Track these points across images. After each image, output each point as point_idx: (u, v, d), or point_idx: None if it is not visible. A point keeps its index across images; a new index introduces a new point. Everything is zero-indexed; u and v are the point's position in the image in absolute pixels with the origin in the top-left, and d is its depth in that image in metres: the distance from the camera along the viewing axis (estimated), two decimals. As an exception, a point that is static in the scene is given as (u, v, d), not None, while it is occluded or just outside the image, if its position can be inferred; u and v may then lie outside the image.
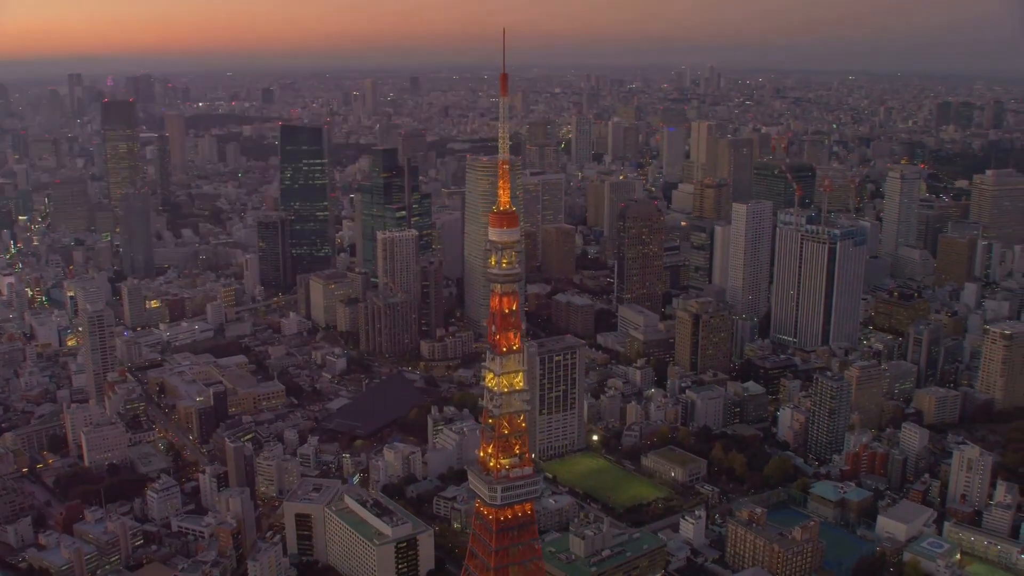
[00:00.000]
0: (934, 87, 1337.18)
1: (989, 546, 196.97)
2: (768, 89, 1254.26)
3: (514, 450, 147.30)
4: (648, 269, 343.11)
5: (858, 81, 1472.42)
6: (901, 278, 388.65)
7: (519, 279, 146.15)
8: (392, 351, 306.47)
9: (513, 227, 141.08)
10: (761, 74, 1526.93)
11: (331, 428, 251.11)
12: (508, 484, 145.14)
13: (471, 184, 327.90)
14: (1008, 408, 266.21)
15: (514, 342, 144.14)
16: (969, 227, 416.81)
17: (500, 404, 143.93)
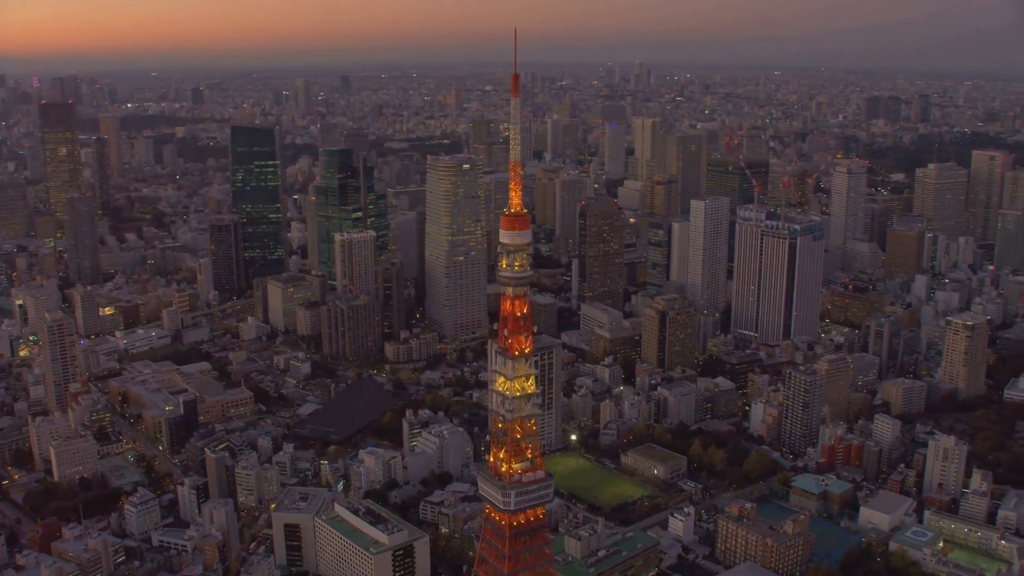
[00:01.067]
0: (858, 82, 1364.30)
1: (969, 533, 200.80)
2: (697, 85, 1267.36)
3: (526, 454, 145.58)
4: (609, 267, 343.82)
5: (784, 76, 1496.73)
6: (851, 271, 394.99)
7: (531, 281, 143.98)
8: (356, 354, 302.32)
9: (525, 229, 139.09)
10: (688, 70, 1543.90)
11: (304, 434, 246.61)
12: (521, 489, 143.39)
13: (432, 184, 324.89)
14: (971, 397, 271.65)
15: (526, 345, 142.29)
16: (913, 220, 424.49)
17: (512, 408, 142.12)
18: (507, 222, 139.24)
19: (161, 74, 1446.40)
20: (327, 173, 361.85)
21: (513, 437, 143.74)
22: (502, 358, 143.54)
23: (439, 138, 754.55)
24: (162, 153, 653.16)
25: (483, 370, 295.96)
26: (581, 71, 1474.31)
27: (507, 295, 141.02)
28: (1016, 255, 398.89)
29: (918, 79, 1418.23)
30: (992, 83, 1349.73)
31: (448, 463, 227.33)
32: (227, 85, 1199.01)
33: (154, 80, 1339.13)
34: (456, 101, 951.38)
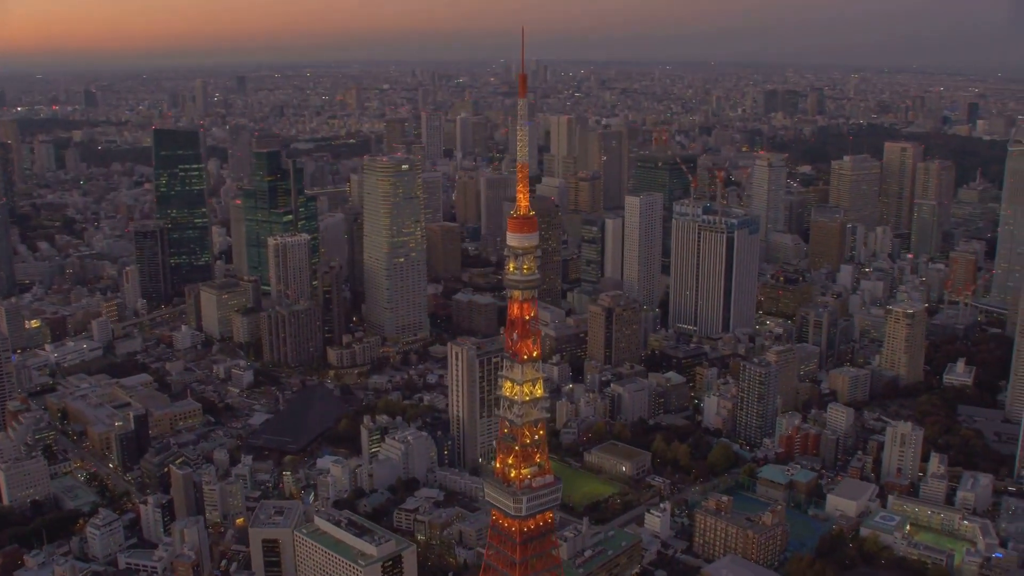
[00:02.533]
0: (750, 76, 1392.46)
1: (932, 515, 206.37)
2: (594, 81, 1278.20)
3: (535, 459, 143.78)
4: (547, 264, 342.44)
5: (676, 71, 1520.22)
6: (776, 263, 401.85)
7: (539, 285, 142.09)
8: (298, 360, 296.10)
9: (532, 232, 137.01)
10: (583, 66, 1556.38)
11: (259, 445, 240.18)
12: (532, 494, 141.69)
13: (370, 186, 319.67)
14: (912, 383, 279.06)
15: (534, 349, 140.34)
16: (831, 211, 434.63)
17: (522, 413, 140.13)
18: (515, 224, 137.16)
19: (47, 76, 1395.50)
20: (256, 176, 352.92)
21: (523, 442, 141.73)
22: (510, 363, 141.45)
23: (345, 138, 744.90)
24: (64, 158, 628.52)
25: (430, 372, 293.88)
26: (476, 68, 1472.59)
27: (515, 299, 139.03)
28: (932, 243, 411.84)
29: (807, 72, 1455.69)
30: (878, 75, 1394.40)
31: (414, 469, 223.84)
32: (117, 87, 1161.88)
33: (41, 83, 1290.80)
34: (357, 100, 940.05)
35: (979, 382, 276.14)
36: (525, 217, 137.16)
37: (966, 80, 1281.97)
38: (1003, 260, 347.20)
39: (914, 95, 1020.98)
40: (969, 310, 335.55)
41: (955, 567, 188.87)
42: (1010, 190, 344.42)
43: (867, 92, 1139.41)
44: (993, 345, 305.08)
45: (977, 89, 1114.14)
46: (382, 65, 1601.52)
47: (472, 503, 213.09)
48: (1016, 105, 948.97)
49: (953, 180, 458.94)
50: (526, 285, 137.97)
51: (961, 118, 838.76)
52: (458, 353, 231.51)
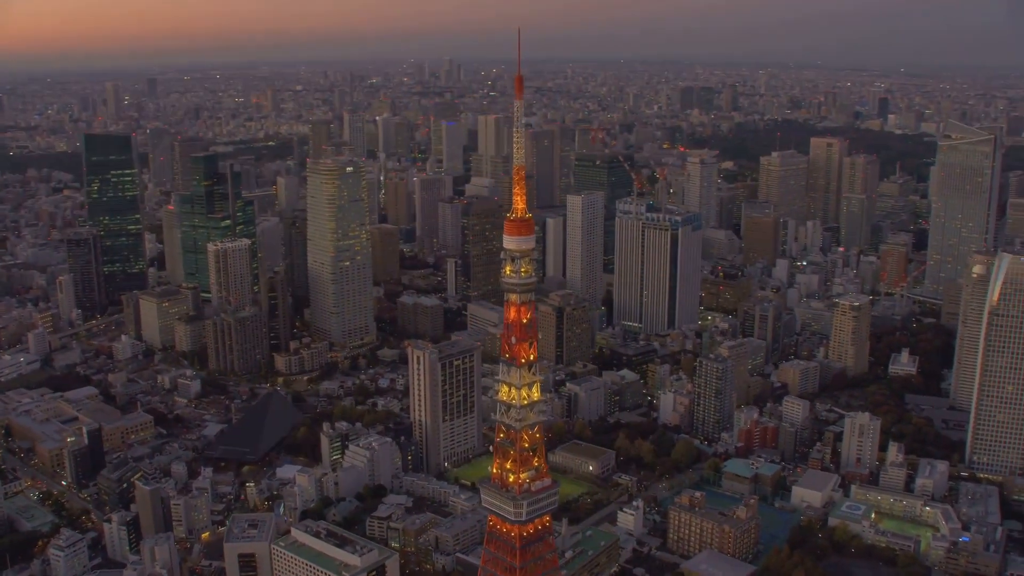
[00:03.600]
0: (660, 73, 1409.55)
1: (895, 503, 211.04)
2: (508, 79, 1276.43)
3: (533, 463, 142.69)
4: (492, 265, 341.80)
5: (588, 69, 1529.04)
6: (712, 259, 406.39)
7: (536, 288, 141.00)
8: (245, 368, 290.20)
9: (530, 234, 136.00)
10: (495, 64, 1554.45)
11: (216, 456, 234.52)
12: (532, 498, 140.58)
13: (314, 189, 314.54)
14: (860, 375, 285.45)
15: (531, 353, 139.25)
16: (761, 206, 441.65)
17: (521, 417, 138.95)
18: (512, 227, 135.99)
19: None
20: (192, 180, 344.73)
21: (521, 446, 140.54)
22: (507, 367, 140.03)
23: (264, 140, 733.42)
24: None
25: (381, 377, 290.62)
26: (388, 68, 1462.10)
27: (512, 302, 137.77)
28: (861, 236, 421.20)
29: (716, 69, 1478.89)
30: (785, 71, 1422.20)
31: (379, 475, 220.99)
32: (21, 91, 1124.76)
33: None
34: (272, 102, 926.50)
35: (923, 371, 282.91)
36: (522, 220, 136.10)
37: (871, 76, 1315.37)
38: (935, 251, 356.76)
39: (825, 91, 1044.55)
40: (904, 301, 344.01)
41: (922, 552, 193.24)
42: (940, 184, 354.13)
43: (778, 88, 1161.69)
44: (931, 335, 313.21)
45: (883, 85, 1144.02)
46: (292, 66, 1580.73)
47: (442, 508, 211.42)
48: (922, 100, 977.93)
49: (878, 174, 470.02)
50: (524, 288, 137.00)
51: (872, 113, 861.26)
52: (419, 357, 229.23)
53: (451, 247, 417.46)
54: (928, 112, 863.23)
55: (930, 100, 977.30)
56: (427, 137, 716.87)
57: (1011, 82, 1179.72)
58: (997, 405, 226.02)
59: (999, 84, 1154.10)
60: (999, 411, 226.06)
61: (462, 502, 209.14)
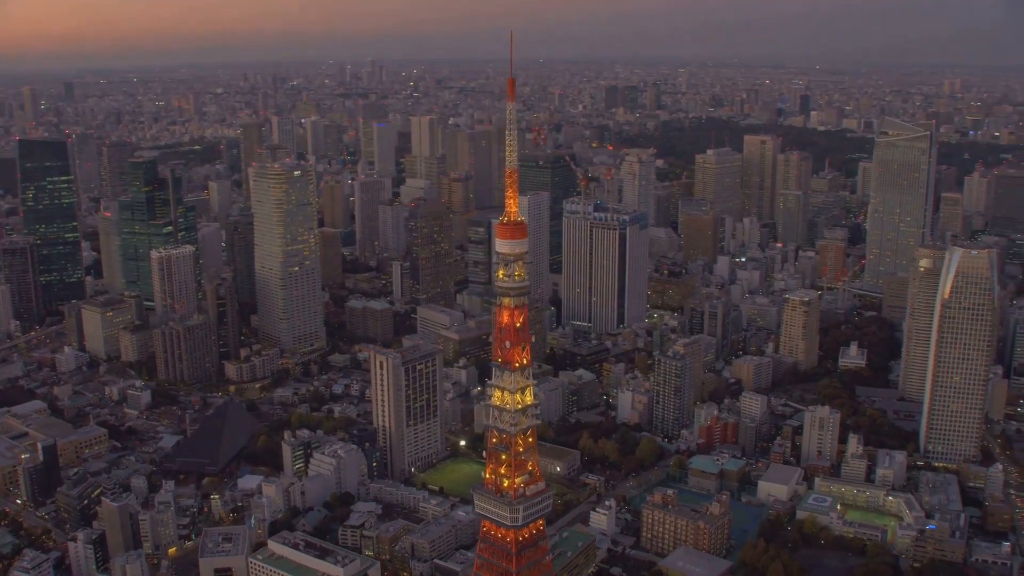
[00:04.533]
0: (582, 72, 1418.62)
1: (858, 494, 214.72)
2: (430, 80, 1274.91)
3: (527, 467, 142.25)
4: (441, 267, 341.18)
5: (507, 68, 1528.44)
6: (653, 257, 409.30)
7: (529, 291, 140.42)
8: (195, 377, 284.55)
9: (523, 238, 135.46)
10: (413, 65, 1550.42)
11: (176, 469, 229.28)
12: (528, 503, 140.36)
13: (261, 193, 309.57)
14: (810, 369, 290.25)
15: (525, 357, 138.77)
16: (697, 204, 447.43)
17: (516, 422, 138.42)
18: (504, 230, 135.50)
19: None
20: (132, 186, 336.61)
21: (516, 451, 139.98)
22: (500, 371, 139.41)
23: (189, 144, 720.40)
24: None
25: (335, 383, 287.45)
26: (308, 70, 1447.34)
27: (505, 306, 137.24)
28: (798, 232, 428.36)
29: (636, 68, 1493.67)
30: (704, 69, 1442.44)
31: (346, 483, 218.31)
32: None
33: None
34: (194, 105, 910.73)
35: (870, 364, 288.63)
36: (515, 223, 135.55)
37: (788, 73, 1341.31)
38: (874, 246, 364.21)
39: (745, 88, 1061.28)
40: (846, 295, 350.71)
41: (889, 541, 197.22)
42: (878, 179, 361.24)
43: (699, 87, 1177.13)
44: (875, 328, 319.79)
45: (801, 82, 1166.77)
46: (209, 69, 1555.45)
47: (413, 514, 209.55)
48: (841, 97, 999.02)
49: (810, 170, 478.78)
50: (517, 292, 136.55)
51: (794, 109, 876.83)
52: (382, 362, 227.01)
53: (393, 250, 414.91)
54: (848, 109, 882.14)
55: (849, 97, 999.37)
56: (355, 139, 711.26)
57: (923, 79, 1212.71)
58: (950, 395, 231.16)
59: (913, 81, 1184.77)
60: (952, 401, 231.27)
61: (433, 507, 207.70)
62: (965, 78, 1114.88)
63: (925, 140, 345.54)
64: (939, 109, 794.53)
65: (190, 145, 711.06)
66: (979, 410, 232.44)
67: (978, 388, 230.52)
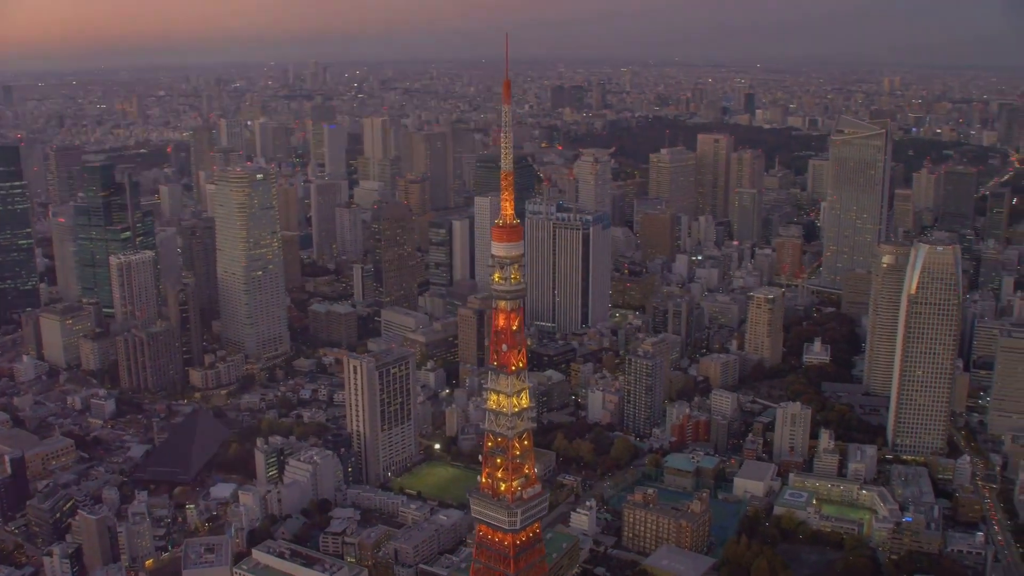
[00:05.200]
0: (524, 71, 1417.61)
1: (832, 488, 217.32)
2: (374, 81, 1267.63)
3: (523, 470, 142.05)
4: (404, 270, 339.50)
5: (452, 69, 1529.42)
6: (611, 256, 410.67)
7: (525, 294, 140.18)
8: (159, 385, 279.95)
9: (518, 240, 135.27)
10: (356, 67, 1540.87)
11: (147, 479, 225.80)
12: (526, 506, 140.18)
13: (222, 197, 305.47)
14: (776, 366, 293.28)
15: (520, 360, 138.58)
16: (653, 203, 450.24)
17: (512, 425, 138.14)
18: (500, 233, 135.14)
19: None
20: (88, 191, 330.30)
21: (513, 454, 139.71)
22: (496, 374, 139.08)
23: (135, 148, 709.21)
24: None
25: (302, 388, 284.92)
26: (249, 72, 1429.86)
27: (501, 309, 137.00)
28: (753, 230, 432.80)
29: (578, 67, 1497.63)
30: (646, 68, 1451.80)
31: (323, 490, 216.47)
32: None
33: None
34: (138, 109, 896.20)
35: (834, 359, 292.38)
36: (511, 226, 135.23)
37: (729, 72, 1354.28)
38: (831, 243, 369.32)
39: (689, 87, 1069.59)
40: (805, 292, 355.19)
41: (865, 535, 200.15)
42: (835, 177, 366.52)
43: (642, 85, 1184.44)
44: (836, 324, 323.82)
45: (743, 80, 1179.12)
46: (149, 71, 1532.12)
47: (393, 519, 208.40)
48: (783, 95, 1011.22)
49: (763, 169, 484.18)
50: (513, 295, 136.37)
51: (739, 108, 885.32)
52: (356, 367, 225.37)
53: (351, 252, 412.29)
54: (792, 107, 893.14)
55: (791, 95, 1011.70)
56: (304, 141, 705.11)
57: (862, 76, 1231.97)
58: (918, 389, 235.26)
59: (852, 78, 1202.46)
60: (920, 395, 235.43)
61: (413, 512, 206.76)
62: (903, 76, 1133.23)
63: (880, 138, 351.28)
64: (882, 106, 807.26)
65: (136, 149, 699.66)
66: (945, 403, 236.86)
67: (944, 382, 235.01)
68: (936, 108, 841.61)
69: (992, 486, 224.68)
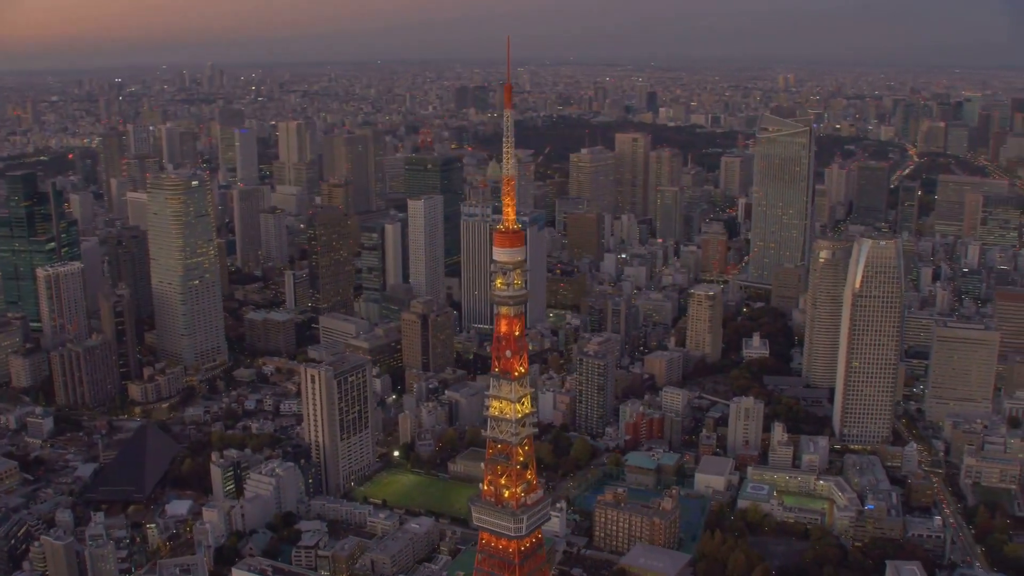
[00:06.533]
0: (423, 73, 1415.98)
1: (790, 480, 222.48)
2: (271, 84, 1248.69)
3: (526, 476, 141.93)
4: (340, 276, 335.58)
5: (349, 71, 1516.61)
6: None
7: (528, 299, 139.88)
8: (97, 401, 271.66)
9: (520, 246, 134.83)
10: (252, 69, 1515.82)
11: (99, 499, 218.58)
12: (531, 512, 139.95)
13: (157, 205, 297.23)
14: (718, 361, 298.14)
15: (523, 365, 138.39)
16: (574, 202, 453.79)
17: (517, 432, 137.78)
18: (502, 239, 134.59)
19: None
20: (11, 201, 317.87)
21: (517, 460, 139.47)
22: (498, 381, 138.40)
23: (35, 155, 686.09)
24: None
25: (247, 399, 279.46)
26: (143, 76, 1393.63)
27: (504, 315, 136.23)
28: (675, 227, 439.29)
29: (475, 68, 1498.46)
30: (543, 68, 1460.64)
31: (286, 503, 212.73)
32: None
33: None
34: (33, 115, 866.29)
35: (772, 352, 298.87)
36: (513, 231, 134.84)
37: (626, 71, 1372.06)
38: (758, 238, 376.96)
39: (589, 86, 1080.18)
40: (734, 288, 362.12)
41: (828, 524, 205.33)
42: (760, 173, 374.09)
43: (542, 85, 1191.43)
44: (769, 318, 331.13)
45: (641, 79, 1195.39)
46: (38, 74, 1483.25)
47: (361, 530, 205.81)
48: (683, 92, 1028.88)
49: (681, 167, 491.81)
50: (516, 300, 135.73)
51: (642, 106, 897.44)
52: (314, 376, 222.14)
53: (277, 259, 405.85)
54: (694, 105, 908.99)
55: (691, 93, 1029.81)
56: (210, 146, 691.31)
57: (756, 73, 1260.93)
58: (864, 380, 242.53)
59: (746, 76, 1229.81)
60: (865, 385, 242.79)
61: (382, 522, 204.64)
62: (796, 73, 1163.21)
63: (805, 135, 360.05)
64: (781, 103, 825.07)
65: (35, 156, 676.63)
66: (890, 393, 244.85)
67: (889, 372, 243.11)
68: (833, 104, 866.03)
69: (938, 471, 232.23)
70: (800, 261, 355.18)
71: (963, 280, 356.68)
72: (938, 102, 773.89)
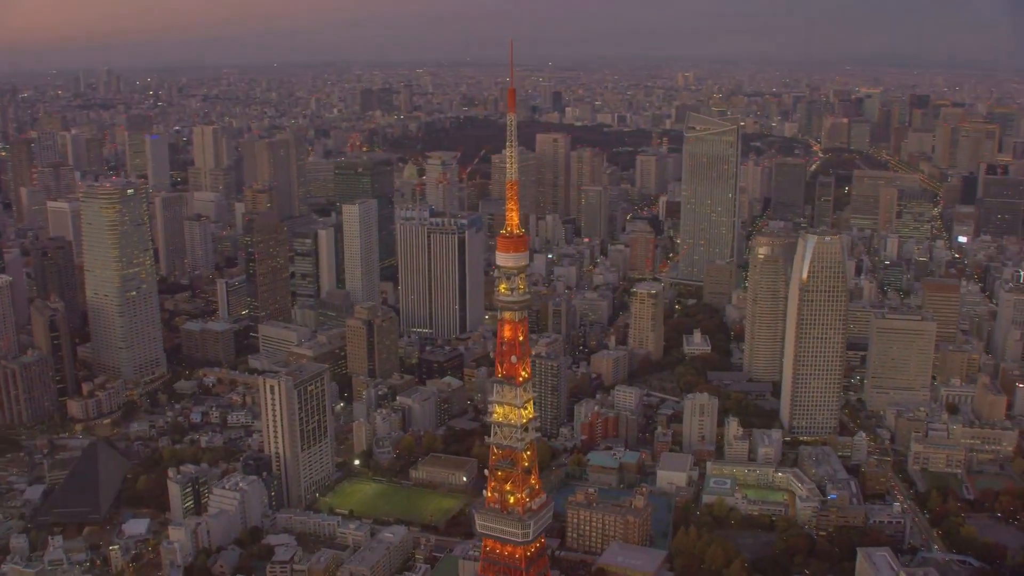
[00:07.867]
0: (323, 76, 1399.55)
1: (749, 473, 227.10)
2: (171, 88, 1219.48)
3: (530, 481, 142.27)
4: (277, 283, 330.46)
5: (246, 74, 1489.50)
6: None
7: (532, 304, 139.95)
8: (35, 419, 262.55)
9: (524, 251, 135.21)
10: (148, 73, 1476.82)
11: (52, 522, 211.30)
12: (536, 516, 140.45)
13: (91, 216, 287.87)
14: (661, 358, 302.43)
15: (526, 370, 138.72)
16: (497, 204, 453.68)
17: (521, 437, 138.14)
18: (507, 243, 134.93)
19: None
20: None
21: (522, 466, 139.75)
22: (501, 386, 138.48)
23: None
24: None
25: (192, 412, 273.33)
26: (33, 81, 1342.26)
27: (508, 320, 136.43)
28: (600, 227, 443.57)
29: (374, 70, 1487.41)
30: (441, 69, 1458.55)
31: (251, 517, 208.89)
32: None
33: None
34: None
35: (712, 348, 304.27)
36: (517, 236, 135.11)
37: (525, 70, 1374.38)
38: (688, 236, 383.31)
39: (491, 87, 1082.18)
40: (667, 284, 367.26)
41: (791, 515, 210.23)
42: (689, 171, 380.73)
43: (444, 86, 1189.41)
44: (704, 315, 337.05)
45: (541, 79, 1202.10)
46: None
47: (332, 541, 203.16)
48: (585, 92, 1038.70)
49: (603, 166, 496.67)
50: (520, 305, 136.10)
51: (547, 106, 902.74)
52: (274, 386, 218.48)
53: (203, 267, 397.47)
54: (598, 104, 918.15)
55: (593, 92, 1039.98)
56: (116, 152, 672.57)
57: (652, 72, 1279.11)
58: (811, 373, 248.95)
59: (644, 75, 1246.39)
60: (813, 378, 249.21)
61: (353, 532, 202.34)
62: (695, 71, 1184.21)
63: (733, 134, 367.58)
64: (684, 102, 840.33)
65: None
66: (837, 385, 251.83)
67: (836, 365, 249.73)
68: (734, 102, 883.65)
69: (886, 459, 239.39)
70: (730, 257, 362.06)
71: (884, 273, 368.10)
72: (839, 99, 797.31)
